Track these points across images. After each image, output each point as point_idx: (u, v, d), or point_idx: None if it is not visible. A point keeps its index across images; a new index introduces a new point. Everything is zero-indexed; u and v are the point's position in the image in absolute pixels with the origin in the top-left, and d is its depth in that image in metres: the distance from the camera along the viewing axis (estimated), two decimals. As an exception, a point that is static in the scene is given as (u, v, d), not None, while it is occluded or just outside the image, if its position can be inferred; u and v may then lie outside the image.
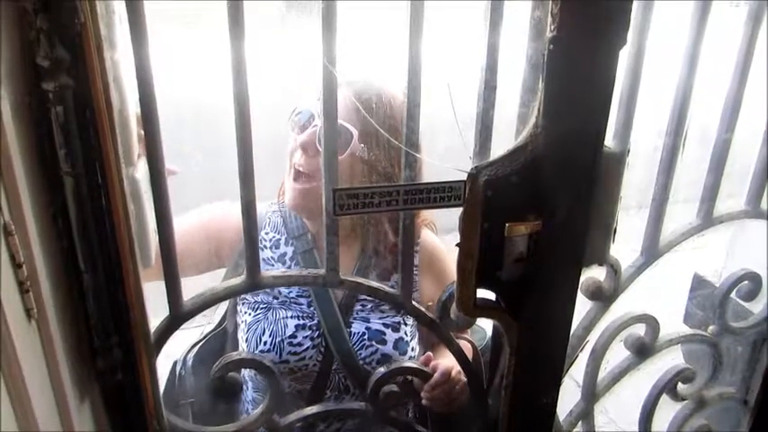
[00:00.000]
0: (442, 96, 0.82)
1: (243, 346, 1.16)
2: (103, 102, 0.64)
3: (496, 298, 0.92)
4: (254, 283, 0.80)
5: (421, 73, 0.77)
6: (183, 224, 1.15)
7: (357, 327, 1.16)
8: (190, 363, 1.21)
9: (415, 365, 0.97)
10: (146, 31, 0.65)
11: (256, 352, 1.12)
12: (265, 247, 1.21)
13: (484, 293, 0.91)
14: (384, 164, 1.08)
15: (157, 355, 0.81)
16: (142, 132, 0.86)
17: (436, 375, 1.00)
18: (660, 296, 1.34)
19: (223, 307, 1.26)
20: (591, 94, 0.79)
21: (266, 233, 1.22)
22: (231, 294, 0.81)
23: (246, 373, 1.17)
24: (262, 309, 1.16)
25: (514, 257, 0.88)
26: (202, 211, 1.20)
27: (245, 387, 1.21)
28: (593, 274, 1.02)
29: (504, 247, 0.87)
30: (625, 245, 1.01)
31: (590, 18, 0.74)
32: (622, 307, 1.05)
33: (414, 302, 0.90)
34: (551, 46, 0.75)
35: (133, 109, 0.73)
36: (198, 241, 1.15)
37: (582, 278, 1.02)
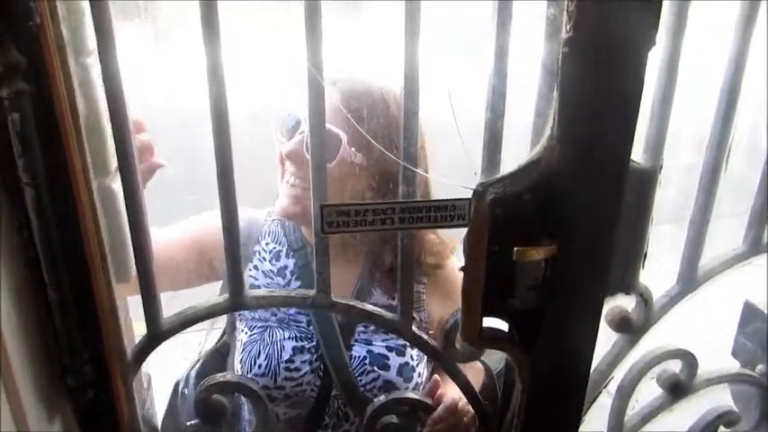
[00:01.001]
0: (445, 103, 0.75)
1: (237, 367, 1.10)
2: (67, 108, 0.60)
3: (509, 328, 0.84)
4: (236, 303, 0.75)
5: (419, 77, 0.70)
6: (174, 235, 1.11)
7: (358, 350, 1.09)
8: (192, 381, 1.16)
9: (416, 396, 0.89)
10: (111, 33, 0.60)
11: (250, 375, 1.06)
12: (264, 259, 1.15)
13: (497, 323, 0.84)
14: (384, 170, 0.99)
15: (135, 374, 0.76)
16: (141, 138, 0.82)
17: (440, 409, 0.93)
18: (701, 327, 1.22)
19: (222, 321, 1.21)
20: (613, 103, 0.70)
21: (266, 243, 1.16)
22: (213, 314, 0.76)
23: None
24: (258, 328, 1.10)
25: (528, 284, 0.80)
26: (194, 221, 1.14)
27: (243, 407, 1.16)
28: (621, 303, 0.92)
29: (516, 273, 0.79)
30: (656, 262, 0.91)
31: (611, 16, 0.65)
32: (654, 339, 0.94)
33: (415, 330, 0.83)
34: (566, 48, 0.66)
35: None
36: (190, 253, 1.10)
37: (607, 307, 0.93)
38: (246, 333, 1.10)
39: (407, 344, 1.07)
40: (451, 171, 0.92)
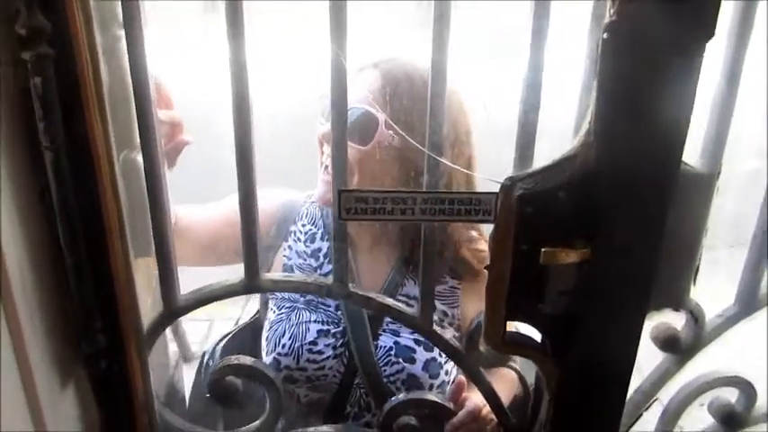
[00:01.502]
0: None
1: (263, 345, 1.10)
2: (89, 76, 0.61)
3: (542, 337, 0.79)
4: (251, 286, 0.74)
5: (447, 58, 0.67)
6: (220, 210, 1.12)
7: (385, 340, 1.06)
8: (218, 354, 1.16)
9: (436, 399, 0.85)
10: (138, 11, 0.61)
11: (274, 354, 1.06)
12: (299, 239, 1.14)
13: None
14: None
15: (150, 349, 0.77)
16: (169, 113, 0.83)
17: (461, 413, 0.88)
18: (759, 353, 1.11)
19: (257, 298, 1.21)
20: (661, 98, 0.64)
21: (302, 225, 1.15)
22: (228, 294, 0.75)
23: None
24: (286, 308, 1.09)
25: (560, 288, 0.74)
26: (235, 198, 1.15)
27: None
28: (669, 319, 0.84)
29: (546, 275, 0.73)
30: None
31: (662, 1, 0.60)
32: (706, 362, 0.86)
33: (436, 328, 0.79)
34: (607, 34, 0.61)
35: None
36: (235, 228, 1.10)
37: (653, 323, 0.85)
38: (275, 312, 1.10)
39: None
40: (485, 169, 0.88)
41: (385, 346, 1.06)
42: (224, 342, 1.18)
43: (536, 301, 0.74)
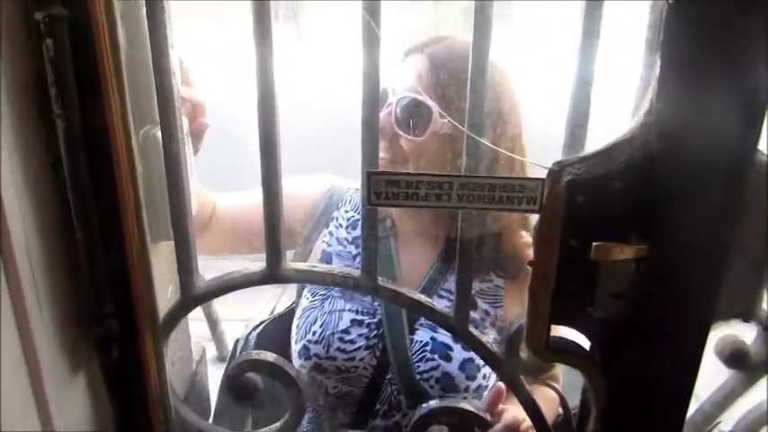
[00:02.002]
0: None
1: (293, 332, 1.06)
2: (105, 40, 0.58)
3: (590, 345, 0.71)
4: (272, 275, 0.69)
5: (490, 34, 0.61)
6: (254, 197, 1.08)
7: (421, 335, 1.00)
8: (252, 343, 1.13)
9: (470, 408, 0.78)
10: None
11: (303, 341, 1.02)
12: (341, 225, 1.10)
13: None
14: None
15: (168, 338, 0.73)
16: (190, 92, 0.80)
17: (497, 427, 0.80)
18: None
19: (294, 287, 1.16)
20: (734, 71, 0.56)
21: (345, 211, 1.11)
22: (248, 283, 0.70)
23: (297, 362, 1.05)
24: (320, 296, 1.05)
25: (613, 291, 0.67)
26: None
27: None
28: (737, 331, 0.75)
29: (598, 275, 0.66)
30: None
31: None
32: (780, 384, 0.76)
33: (472, 329, 0.72)
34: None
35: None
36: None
37: (718, 335, 0.76)
38: (308, 299, 1.06)
39: None
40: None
41: (421, 341, 1.00)
42: (258, 329, 1.15)
43: (585, 304, 0.67)
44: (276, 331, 1.13)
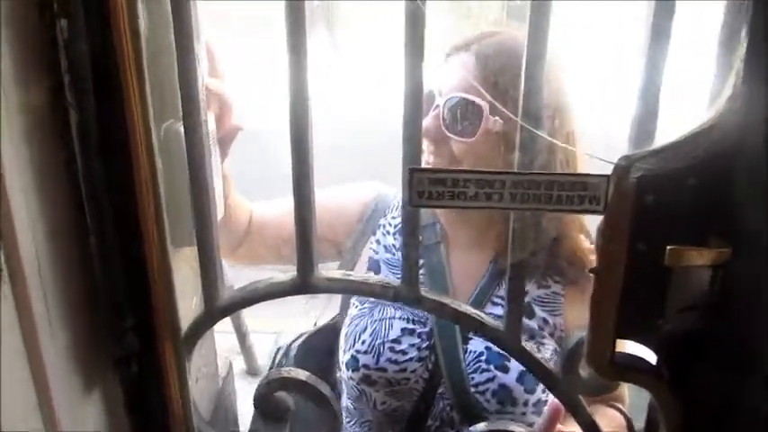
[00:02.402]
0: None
1: (341, 341, 1.01)
2: (125, 22, 0.52)
3: (658, 361, 0.64)
4: (303, 285, 0.63)
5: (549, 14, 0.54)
6: (289, 204, 1.04)
7: (475, 344, 0.94)
8: (293, 353, 1.08)
9: (523, 430, 0.71)
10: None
11: (352, 351, 0.96)
12: (388, 233, 1.05)
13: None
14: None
15: (191, 353, 0.67)
16: (217, 87, 0.75)
17: (553, 452, 0.73)
18: None
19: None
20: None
21: (393, 218, 1.06)
22: (274, 294, 0.64)
23: (345, 374, 0.99)
24: (369, 303, 1.00)
25: (686, 301, 0.60)
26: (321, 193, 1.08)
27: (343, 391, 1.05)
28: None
29: (669, 283, 0.59)
30: None
31: None
32: None
33: (525, 345, 0.65)
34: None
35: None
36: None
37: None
38: (357, 307, 1.01)
39: (536, 348, 0.90)
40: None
41: (475, 351, 0.94)
42: (301, 340, 1.10)
43: (655, 316, 0.60)
44: (321, 343, 1.09)
